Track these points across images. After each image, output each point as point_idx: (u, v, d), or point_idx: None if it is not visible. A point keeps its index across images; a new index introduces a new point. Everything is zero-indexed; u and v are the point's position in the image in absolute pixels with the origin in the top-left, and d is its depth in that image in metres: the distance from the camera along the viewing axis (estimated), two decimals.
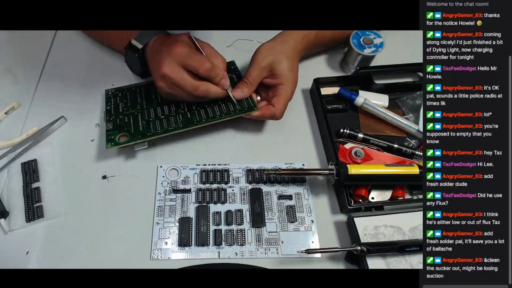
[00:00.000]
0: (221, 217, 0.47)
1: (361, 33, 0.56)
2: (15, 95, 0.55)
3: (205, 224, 0.46)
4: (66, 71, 0.58)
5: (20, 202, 0.47)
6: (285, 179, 0.50)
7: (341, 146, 0.51)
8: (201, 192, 0.48)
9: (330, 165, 0.47)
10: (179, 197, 0.48)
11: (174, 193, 0.48)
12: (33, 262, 0.44)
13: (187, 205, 0.48)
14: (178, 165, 0.50)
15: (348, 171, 0.45)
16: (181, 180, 0.49)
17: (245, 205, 0.48)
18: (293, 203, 0.48)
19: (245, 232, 0.46)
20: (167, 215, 0.47)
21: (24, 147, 0.51)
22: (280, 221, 0.47)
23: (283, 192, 0.49)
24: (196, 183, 0.49)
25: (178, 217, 0.47)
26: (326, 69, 0.61)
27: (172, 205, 0.48)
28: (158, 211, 0.47)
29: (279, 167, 0.46)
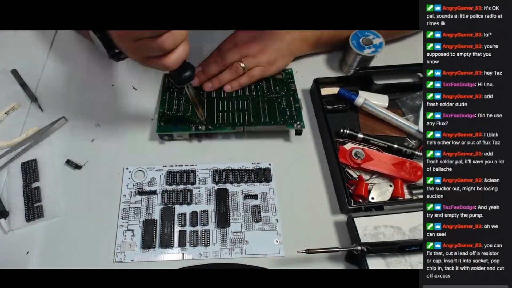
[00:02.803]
0: (186, 218, 0.47)
1: (360, 34, 0.56)
2: (15, 95, 0.55)
3: (170, 225, 0.46)
4: (66, 71, 0.58)
5: (20, 202, 0.47)
6: (251, 179, 0.50)
7: (341, 147, 0.51)
8: (167, 194, 0.48)
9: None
10: (145, 199, 0.48)
11: (139, 195, 0.48)
12: (33, 262, 0.44)
13: (152, 207, 0.47)
14: (145, 167, 0.50)
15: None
16: (147, 182, 0.49)
17: (211, 206, 0.48)
18: (258, 202, 0.48)
19: (210, 233, 0.46)
20: (132, 217, 0.47)
21: (24, 147, 0.50)
22: (245, 221, 0.47)
23: (249, 192, 0.49)
24: (162, 185, 0.49)
25: (143, 219, 0.46)
26: (326, 69, 0.61)
27: (137, 207, 0.47)
28: (123, 213, 0.47)
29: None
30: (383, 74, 0.57)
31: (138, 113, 0.55)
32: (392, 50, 0.57)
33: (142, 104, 0.55)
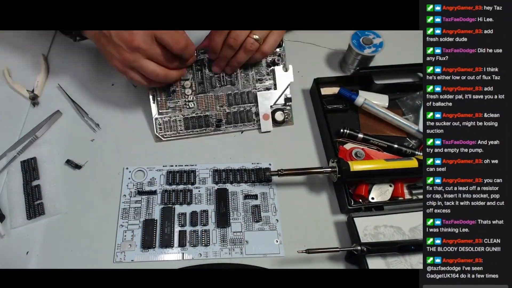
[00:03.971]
0: (186, 218, 0.47)
1: (361, 33, 0.56)
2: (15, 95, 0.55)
3: (170, 225, 0.46)
4: (66, 71, 0.58)
5: (21, 200, 0.47)
6: (252, 179, 0.50)
7: (341, 147, 0.51)
8: (167, 194, 0.48)
9: (332, 163, 0.47)
10: (145, 199, 0.48)
11: (139, 195, 0.48)
12: (33, 262, 0.44)
13: (152, 206, 0.47)
14: (145, 167, 0.50)
15: (350, 168, 0.45)
16: (147, 181, 0.49)
17: (210, 206, 0.48)
18: (258, 202, 0.48)
19: (210, 233, 0.46)
20: (132, 217, 0.46)
21: (23, 145, 0.50)
22: (245, 221, 0.47)
23: (249, 192, 0.49)
24: (162, 185, 0.49)
25: (143, 219, 0.46)
26: (326, 69, 0.61)
27: (137, 207, 0.47)
28: (123, 213, 0.47)
29: (281, 168, 0.46)
30: (383, 74, 0.57)
31: (138, 113, 0.55)
32: (392, 50, 0.56)
33: (142, 103, 0.55)
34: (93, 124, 0.52)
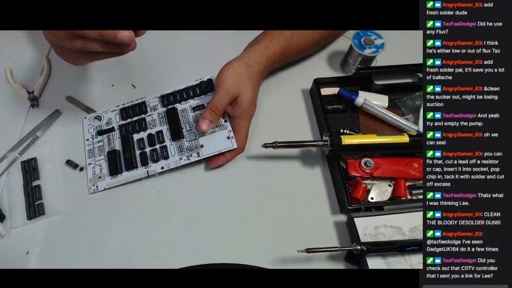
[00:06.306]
0: (145, 142, 0.51)
1: (362, 34, 0.56)
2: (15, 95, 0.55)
3: (130, 150, 0.50)
4: (66, 71, 0.58)
5: (21, 200, 0.47)
6: (197, 93, 0.54)
7: (348, 160, 0.50)
8: (124, 127, 0.52)
9: (325, 137, 0.48)
10: (105, 137, 0.52)
11: (100, 135, 0.52)
12: (33, 262, 0.44)
13: (113, 141, 0.52)
14: (101, 111, 0.54)
15: (342, 141, 0.46)
16: (104, 123, 0.53)
17: (164, 126, 0.52)
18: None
19: (168, 148, 0.50)
20: (97, 154, 0.51)
21: (24, 146, 0.50)
22: (197, 129, 0.50)
23: (197, 104, 0.53)
24: (118, 121, 0.53)
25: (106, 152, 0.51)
26: (326, 69, 0.61)
27: (100, 145, 0.51)
28: (89, 154, 0.51)
29: (276, 140, 0.47)
30: (383, 74, 0.57)
31: None
32: (392, 50, 0.56)
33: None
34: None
